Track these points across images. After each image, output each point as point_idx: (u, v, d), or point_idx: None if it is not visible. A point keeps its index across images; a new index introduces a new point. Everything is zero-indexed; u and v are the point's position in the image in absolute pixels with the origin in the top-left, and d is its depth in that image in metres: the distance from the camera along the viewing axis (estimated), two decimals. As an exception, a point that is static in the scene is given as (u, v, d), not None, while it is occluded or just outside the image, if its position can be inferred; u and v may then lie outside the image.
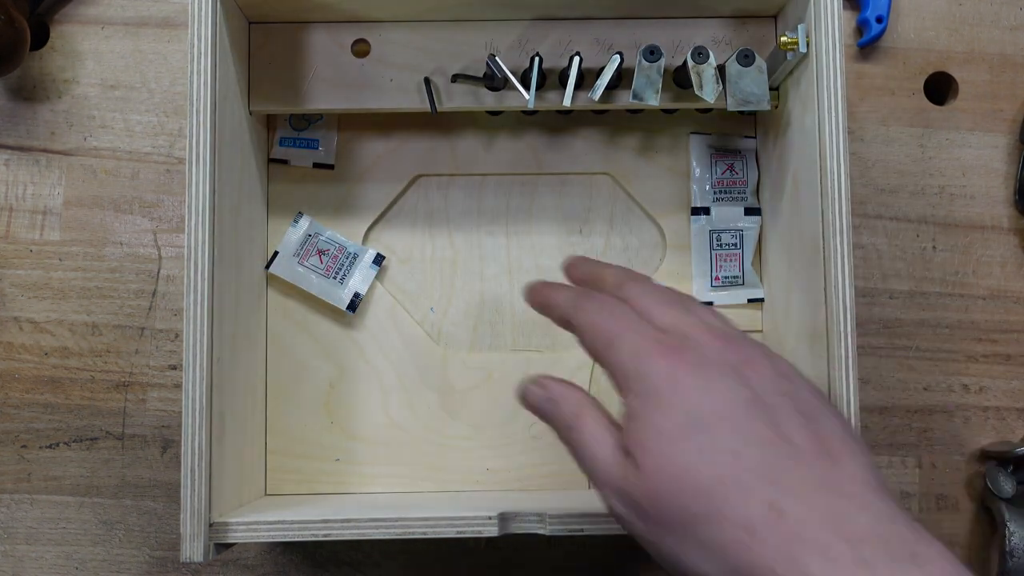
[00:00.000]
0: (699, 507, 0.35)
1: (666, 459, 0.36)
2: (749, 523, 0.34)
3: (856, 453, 0.36)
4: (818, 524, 0.33)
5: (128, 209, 0.59)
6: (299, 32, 0.54)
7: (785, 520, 0.34)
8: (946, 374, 0.59)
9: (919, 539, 0.33)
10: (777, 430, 0.35)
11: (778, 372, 0.38)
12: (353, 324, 0.58)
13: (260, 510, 0.49)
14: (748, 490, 0.34)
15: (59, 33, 0.60)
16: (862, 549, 0.32)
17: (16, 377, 0.58)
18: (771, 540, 0.33)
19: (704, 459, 0.35)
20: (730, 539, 0.34)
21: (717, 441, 0.35)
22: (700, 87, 0.50)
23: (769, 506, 0.34)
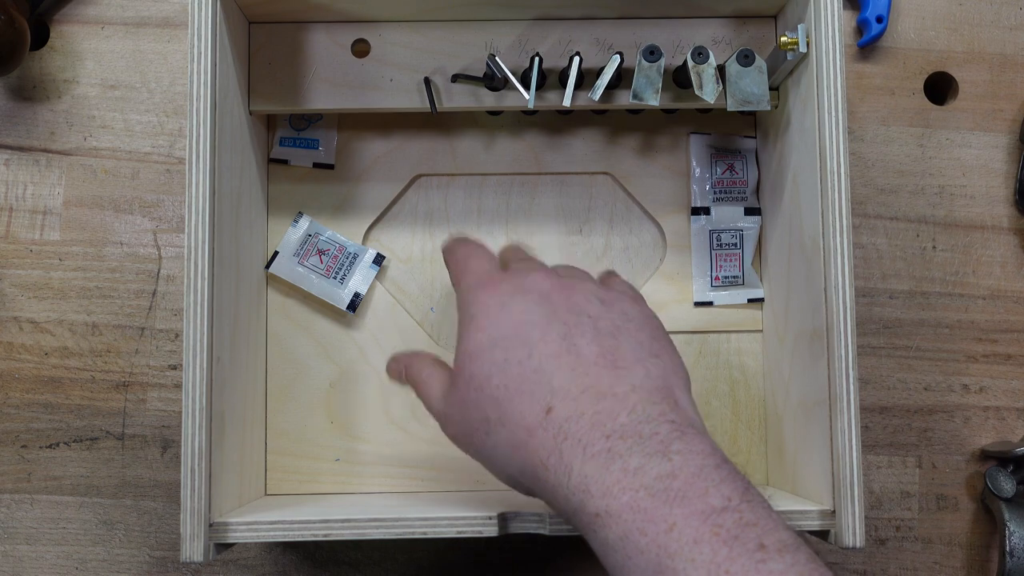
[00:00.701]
0: (493, 412, 0.40)
1: (470, 373, 0.41)
2: (528, 424, 0.38)
3: (648, 367, 0.40)
4: (584, 423, 0.37)
5: (128, 209, 0.59)
6: (299, 32, 0.54)
7: (555, 419, 0.38)
8: (946, 374, 0.59)
9: (677, 439, 0.36)
10: (566, 343, 0.39)
11: (588, 299, 0.42)
12: (353, 324, 0.58)
13: (260, 510, 0.49)
14: (529, 395, 0.39)
15: (59, 33, 0.60)
16: (618, 443, 0.36)
17: (16, 377, 0.58)
18: (543, 438, 0.38)
19: (496, 370, 0.40)
20: (516, 440, 0.39)
21: (509, 353, 0.40)
22: (700, 87, 0.50)
23: (545, 408, 0.38)
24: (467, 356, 0.41)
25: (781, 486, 0.54)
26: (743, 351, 0.58)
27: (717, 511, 0.34)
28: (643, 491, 0.35)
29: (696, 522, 0.34)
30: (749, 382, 0.57)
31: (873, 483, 0.59)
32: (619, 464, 0.36)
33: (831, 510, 0.46)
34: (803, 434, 0.50)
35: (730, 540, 0.33)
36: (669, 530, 0.34)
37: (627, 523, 0.35)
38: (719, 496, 0.34)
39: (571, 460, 0.37)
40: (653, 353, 0.41)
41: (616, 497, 0.35)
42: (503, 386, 0.39)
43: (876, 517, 0.58)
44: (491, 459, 0.41)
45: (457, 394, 0.42)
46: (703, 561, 0.33)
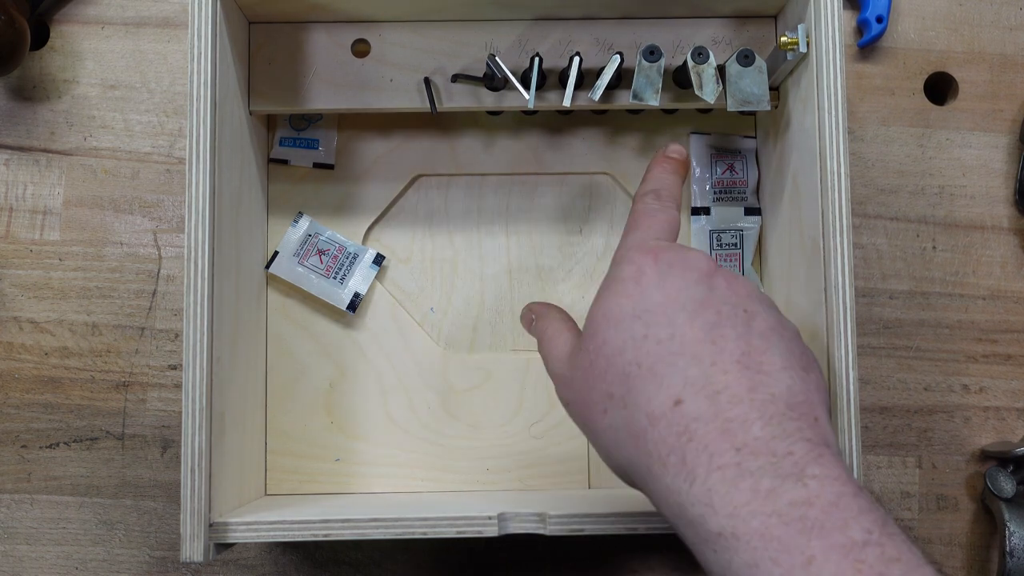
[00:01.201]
0: (618, 389, 0.37)
1: (603, 340, 0.38)
2: (652, 412, 0.35)
3: (792, 379, 0.36)
4: (714, 428, 0.34)
5: (128, 209, 0.59)
6: (299, 32, 0.54)
7: (683, 415, 0.35)
8: (946, 374, 0.59)
9: (813, 461, 0.33)
10: (713, 334, 0.36)
11: (751, 295, 0.39)
12: (353, 324, 0.58)
13: (260, 510, 0.49)
14: (660, 380, 0.36)
15: (59, 33, 0.60)
16: (749, 460, 0.33)
17: (16, 377, 0.58)
18: (666, 433, 0.35)
19: (632, 343, 0.37)
20: (635, 426, 0.36)
21: (650, 329, 0.37)
22: (700, 87, 0.50)
23: (674, 399, 0.35)
24: (605, 320, 0.38)
25: (781, 486, 0.54)
26: (743, 351, 0.57)
27: (859, 545, 0.31)
28: (776, 517, 0.32)
29: (837, 556, 0.31)
30: (749, 382, 0.57)
31: (873, 483, 0.58)
32: (749, 483, 0.33)
33: None
34: (803, 434, 0.50)
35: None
36: (807, 564, 0.31)
37: (757, 551, 0.32)
38: (859, 529, 0.32)
39: (695, 467, 0.34)
40: (802, 365, 0.37)
41: (745, 520, 0.32)
42: (635, 363, 0.36)
43: (876, 517, 0.58)
44: (602, 440, 0.38)
45: (584, 358, 0.39)
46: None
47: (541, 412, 0.57)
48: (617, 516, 0.46)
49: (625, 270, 0.39)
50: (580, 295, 0.58)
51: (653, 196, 0.44)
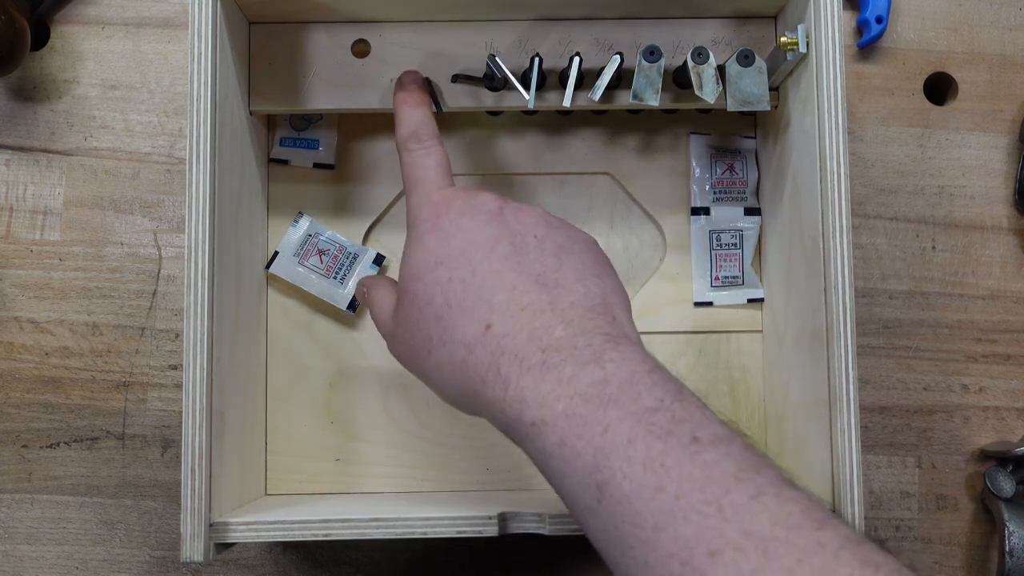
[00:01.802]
0: (435, 331, 0.40)
1: (414, 292, 0.41)
2: (467, 341, 0.39)
3: (587, 286, 0.40)
4: (521, 338, 0.38)
5: (128, 209, 0.59)
6: (299, 32, 0.54)
7: (493, 336, 0.38)
8: (946, 374, 0.59)
9: (611, 349, 0.37)
10: (510, 262, 0.40)
11: (543, 221, 0.42)
12: (353, 324, 0.58)
13: (260, 510, 0.49)
14: (470, 312, 0.39)
15: (59, 33, 0.60)
16: (552, 355, 0.37)
17: (17, 377, 0.58)
18: (482, 355, 0.39)
19: (439, 289, 0.40)
20: (456, 358, 0.39)
21: (452, 272, 0.40)
22: (700, 87, 0.50)
23: (484, 325, 0.39)
24: (412, 275, 0.42)
25: (781, 486, 0.54)
26: (743, 351, 0.58)
27: (650, 411, 0.35)
28: (577, 398, 0.36)
29: (630, 423, 0.34)
30: (749, 382, 0.57)
31: (873, 483, 0.59)
32: (554, 375, 0.36)
33: (831, 510, 0.46)
34: (803, 434, 0.50)
35: (663, 436, 0.34)
36: (604, 432, 0.35)
37: (563, 429, 0.35)
38: (651, 398, 0.35)
39: (508, 374, 0.37)
40: (595, 273, 0.41)
41: (551, 406, 0.36)
42: (445, 304, 0.40)
43: (876, 517, 0.58)
44: (434, 378, 0.42)
45: (402, 312, 0.42)
46: (638, 458, 0.34)
47: (541, 412, 0.57)
48: (617, 516, 0.46)
49: (421, 227, 0.42)
50: (580, 295, 0.58)
51: (414, 140, 0.46)
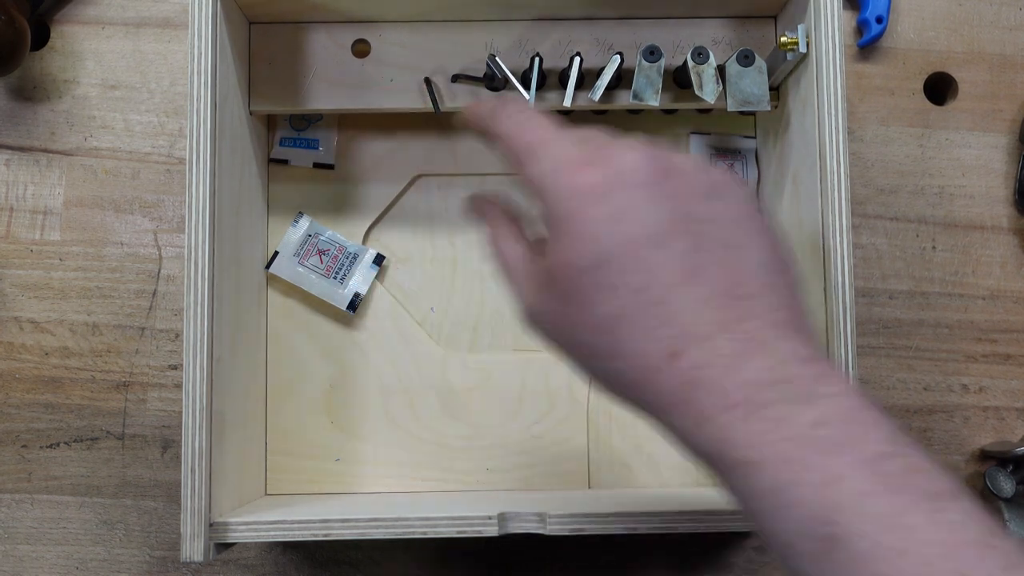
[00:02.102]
0: (602, 343, 0.34)
1: (570, 290, 0.35)
2: (648, 365, 0.34)
3: (773, 290, 0.35)
4: (716, 370, 0.33)
5: (128, 209, 0.59)
6: (299, 32, 0.54)
7: (682, 366, 0.33)
8: (946, 374, 0.59)
9: (818, 381, 0.33)
10: (691, 265, 0.34)
11: (707, 188, 0.35)
12: (353, 324, 0.58)
13: (260, 510, 0.49)
14: (647, 331, 0.33)
15: (59, 33, 0.60)
16: (757, 393, 0.32)
17: (16, 377, 0.58)
18: (668, 384, 0.33)
19: (604, 296, 0.34)
20: (632, 379, 0.34)
21: (622, 278, 0.34)
22: (700, 87, 0.50)
23: (669, 352, 0.33)
24: (567, 269, 0.35)
25: (781, 486, 0.54)
26: (743, 351, 0.57)
27: (881, 457, 0.31)
28: (793, 442, 0.31)
29: (861, 473, 0.30)
30: (749, 382, 0.57)
31: (873, 483, 0.58)
32: (761, 414, 0.32)
33: None
34: (803, 434, 0.50)
35: (900, 489, 0.30)
36: (831, 482, 0.30)
37: (778, 474, 0.31)
38: (877, 440, 0.31)
39: (704, 410, 0.33)
40: (775, 269, 0.35)
41: (761, 448, 0.32)
42: (614, 316, 0.34)
43: (876, 517, 0.58)
44: (596, 379, 0.36)
45: (554, 305, 0.36)
46: (876, 514, 0.30)
47: (541, 412, 0.57)
48: (617, 516, 0.46)
49: (565, 206, 0.35)
50: (580, 295, 0.58)
51: (500, 110, 0.39)
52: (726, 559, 0.58)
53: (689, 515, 0.46)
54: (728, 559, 0.58)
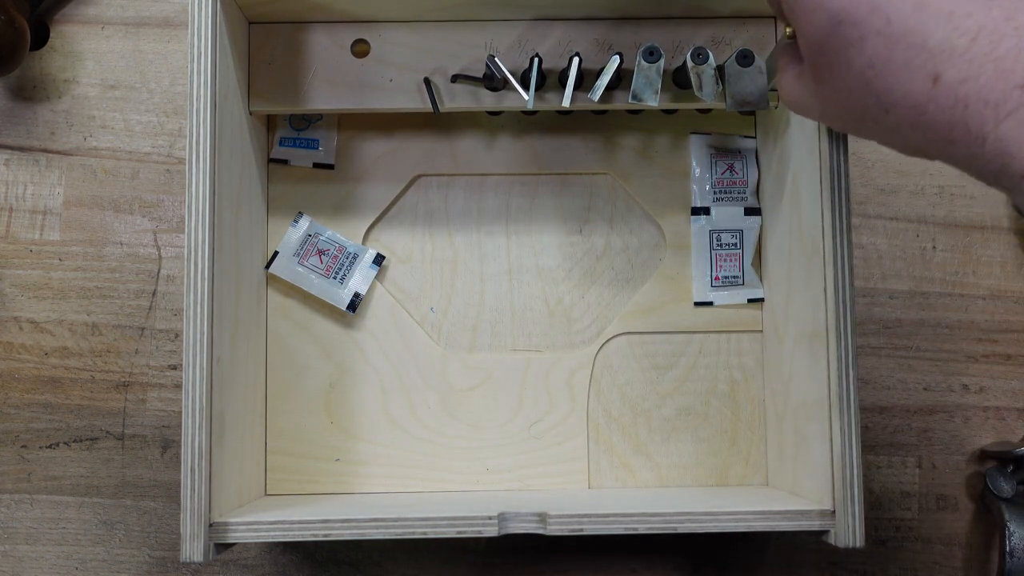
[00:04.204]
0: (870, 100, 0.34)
1: (824, 65, 0.35)
2: (916, 103, 0.33)
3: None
4: (985, 79, 0.31)
5: (128, 209, 0.59)
6: (299, 32, 0.54)
7: (947, 88, 0.32)
8: (946, 374, 0.59)
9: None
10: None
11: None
12: (353, 324, 0.58)
13: (260, 510, 0.49)
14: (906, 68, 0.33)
15: (59, 33, 0.60)
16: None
17: (16, 377, 0.58)
18: (939, 112, 0.32)
19: (854, 52, 0.34)
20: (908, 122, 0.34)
21: (861, 28, 0.33)
22: (699, 88, 0.50)
23: (931, 78, 0.32)
24: (813, 47, 0.35)
25: (781, 486, 0.54)
26: (743, 351, 0.58)
27: None
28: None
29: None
30: (749, 382, 0.57)
31: (873, 483, 0.59)
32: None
33: (831, 510, 0.46)
34: (803, 434, 0.50)
35: None
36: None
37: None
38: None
39: (981, 127, 0.31)
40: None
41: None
42: (868, 67, 0.34)
43: (876, 517, 0.58)
44: (889, 142, 0.36)
45: (823, 90, 0.36)
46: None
47: (541, 412, 0.57)
48: (617, 516, 0.46)
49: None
50: (580, 295, 0.58)
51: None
52: (726, 559, 0.58)
53: (689, 515, 0.46)
54: (728, 559, 0.58)
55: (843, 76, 0.35)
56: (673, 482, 0.57)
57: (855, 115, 0.36)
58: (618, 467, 0.57)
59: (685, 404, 0.57)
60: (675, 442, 0.57)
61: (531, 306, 0.58)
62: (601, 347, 0.57)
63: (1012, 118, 0.30)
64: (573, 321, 0.58)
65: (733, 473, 0.57)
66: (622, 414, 0.57)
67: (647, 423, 0.57)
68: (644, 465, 0.57)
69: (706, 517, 0.46)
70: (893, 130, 0.35)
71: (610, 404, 0.57)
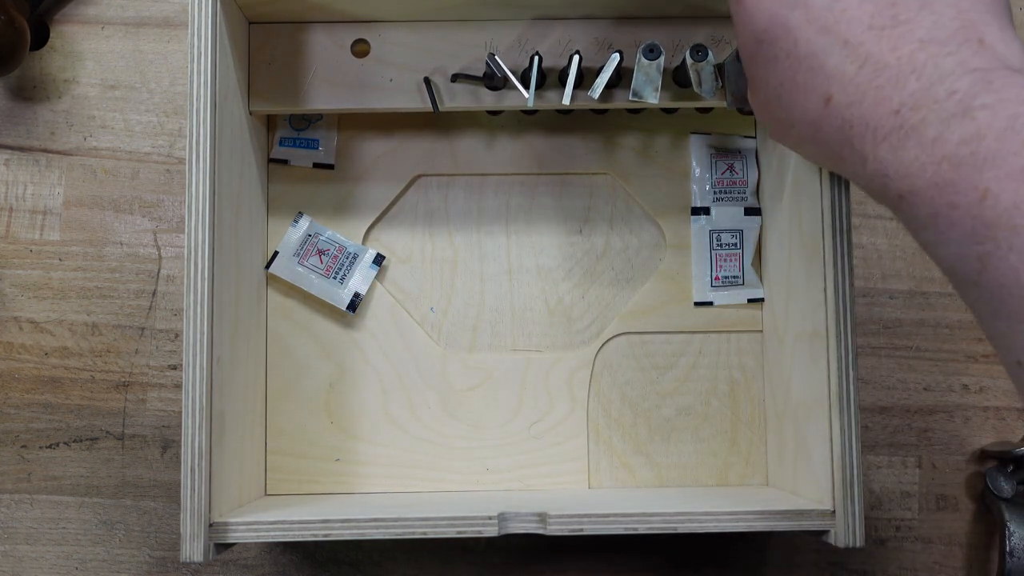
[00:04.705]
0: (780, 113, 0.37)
1: (751, 76, 0.39)
2: (811, 119, 0.35)
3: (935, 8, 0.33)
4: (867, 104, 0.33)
5: (128, 209, 0.59)
6: (299, 32, 0.54)
7: (836, 109, 0.34)
8: (946, 374, 0.59)
9: (982, 91, 0.31)
10: (832, 13, 0.34)
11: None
12: (353, 324, 0.58)
13: (260, 510, 0.49)
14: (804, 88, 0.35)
15: (59, 33, 0.60)
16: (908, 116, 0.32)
17: (16, 377, 0.58)
18: (829, 132, 0.35)
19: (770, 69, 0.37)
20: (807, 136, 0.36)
21: (775, 48, 0.36)
22: (699, 85, 0.50)
23: (824, 98, 0.35)
24: (746, 60, 0.39)
25: (781, 486, 0.54)
26: (743, 351, 0.58)
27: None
28: (945, 163, 0.30)
29: (1013, 184, 0.29)
30: (749, 382, 0.57)
31: (873, 483, 0.59)
32: (914, 139, 0.31)
33: (831, 510, 0.46)
34: (803, 434, 0.50)
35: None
36: (982, 199, 0.29)
37: (932, 200, 0.31)
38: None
39: (862, 148, 0.33)
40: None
41: (916, 176, 0.31)
42: (780, 84, 0.36)
43: (876, 517, 0.58)
44: (801, 153, 0.39)
45: (752, 96, 0.40)
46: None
47: (541, 412, 0.57)
48: (617, 516, 0.46)
49: (732, 6, 0.38)
50: (580, 295, 0.58)
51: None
52: (726, 559, 0.58)
53: (689, 515, 0.46)
54: (728, 559, 0.58)
55: (763, 90, 0.38)
56: (673, 482, 0.57)
57: (777, 127, 0.39)
58: (618, 467, 0.57)
59: (685, 404, 0.57)
60: (675, 442, 0.57)
61: (531, 306, 0.58)
62: (601, 347, 0.57)
63: (887, 142, 0.32)
64: (573, 321, 0.58)
65: (733, 473, 0.57)
66: (622, 414, 0.57)
67: (647, 423, 0.57)
68: (644, 465, 0.57)
69: (706, 517, 0.46)
70: (799, 144, 0.38)
71: (610, 404, 0.57)
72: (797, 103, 0.36)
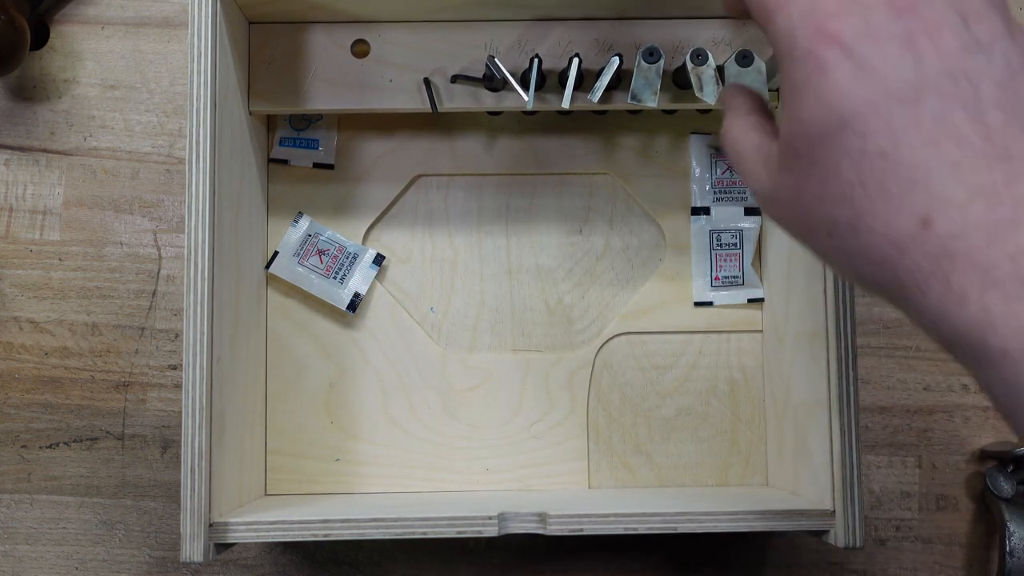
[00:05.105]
0: (843, 214, 0.31)
1: (808, 159, 0.32)
2: (896, 238, 0.30)
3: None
4: (978, 240, 0.29)
5: (128, 209, 0.59)
6: (299, 32, 0.54)
7: (936, 236, 0.29)
8: (946, 374, 0.59)
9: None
10: (943, 126, 0.29)
11: (969, 42, 0.31)
12: (353, 324, 0.58)
13: (260, 510, 0.49)
14: (896, 200, 0.30)
15: (59, 33, 0.60)
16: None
17: (16, 377, 0.58)
18: (919, 258, 0.30)
19: (848, 162, 0.31)
20: (877, 255, 0.31)
21: (866, 141, 0.30)
22: (700, 89, 0.50)
23: (920, 220, 0.29)
24: (804, 136, 0.32)
25: (781, 486, 0.54)
26: (743, 351, 0.58)
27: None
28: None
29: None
30: (749, 382, 0.57)
31: (873, 483, 0.59)
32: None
33: (831, 510, 0.46)
34: (803, 434, 0.50)
35: None
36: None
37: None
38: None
39: (964, 288, 0.29)
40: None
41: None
42: (858, 184, 0.30)
43: (876, 517, 0.58)
44: (836, 263, 0.33)
45: (791, 179, 0.33)
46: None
47: (541, 412, 0.57)
48: (617, 516, 0.46)
49: (801, 64, 0.32)
50: (580, 295, 0.58)
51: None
52: (726, 559, 0.58)
53: (689, 515, 0.46)
54: (728, 559, 0.58)
55: (821, 181, 0.32)
56: (673, 482, 0.57)
57: (810, 222, 0.33)
58: (618, 467, 0.57)
59: (685, 404, 0.57)
60: (675, 442, 0.57)
61: (531, 306, 0.58)
62: (601, 347, 0.57)
63: (999, 290, 0.28)
64: (573, 321, 0.58)
65: (733, 473, 0.57)
66: (622, 414, 0.57)
67: (647, 423, 0.57)
68: (644, 465, 0.57)
69: (706, 517, 0.46)
70: (848, 256, 0.32)
71: (610, 404, 0.57)
72: (879, 213, 0.30)
